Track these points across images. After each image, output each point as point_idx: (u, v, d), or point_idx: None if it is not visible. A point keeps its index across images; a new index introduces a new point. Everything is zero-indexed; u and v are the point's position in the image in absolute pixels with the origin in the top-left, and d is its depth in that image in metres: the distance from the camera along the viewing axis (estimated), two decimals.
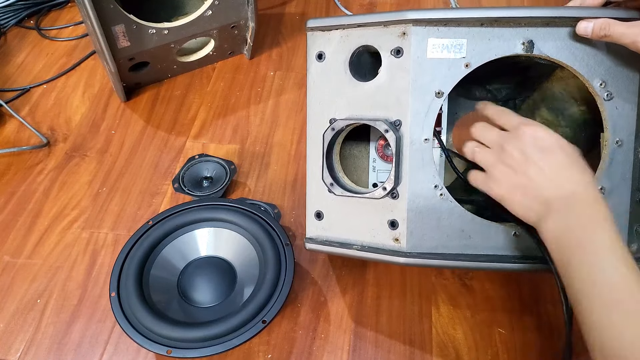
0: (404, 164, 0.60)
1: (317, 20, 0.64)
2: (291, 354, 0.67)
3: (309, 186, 0.67)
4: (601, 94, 0.58)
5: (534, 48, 0.58)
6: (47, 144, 0.92)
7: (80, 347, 0.68)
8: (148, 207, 0.84)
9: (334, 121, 0.64)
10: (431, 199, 0.60)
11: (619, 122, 0.59)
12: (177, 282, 0.70)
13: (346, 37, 0.63)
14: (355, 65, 0.63)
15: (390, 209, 0.61)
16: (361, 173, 0.73)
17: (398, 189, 0.61)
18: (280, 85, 1.02)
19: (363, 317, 0.71)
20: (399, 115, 0.60)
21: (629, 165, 0.60)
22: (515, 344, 0.68)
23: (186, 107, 0.99)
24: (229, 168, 0.83)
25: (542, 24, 0.57)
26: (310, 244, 0.67)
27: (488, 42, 0.58)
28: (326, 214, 0.66)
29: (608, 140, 0.59)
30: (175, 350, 0.60)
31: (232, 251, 0.72)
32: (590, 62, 0.58)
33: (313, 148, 0.66)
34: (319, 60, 0.65)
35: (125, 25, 0.87)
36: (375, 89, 0.62)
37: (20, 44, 1.12)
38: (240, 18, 0.98)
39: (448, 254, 0.61)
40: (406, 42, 0.59)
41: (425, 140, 0.60)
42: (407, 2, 1.22)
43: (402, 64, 0.59)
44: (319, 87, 0.65)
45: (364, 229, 0.63)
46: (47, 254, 0.78)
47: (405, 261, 0.60)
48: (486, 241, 0.61)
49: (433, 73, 0.59)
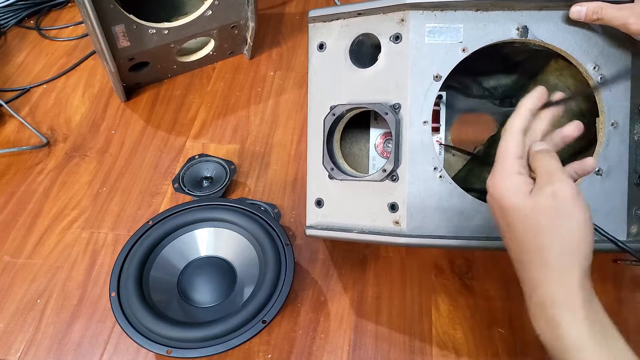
0: (404, 146, 0.61)
1: (319, 10, 0.66)
2: (291, 354, 0.67)
3: (310, 174, 0.68)
4: (595, 77, 0.59)
5: (528, 33, 0.59)
6: (47, 144, 0.92)
7: (80, 347, 0.68)
8: (148, 207, 0.84)
9: (335, 107, 0.65)
10: (431, 181, 0.60)
11: (613, 104, 0.60)
12: (177, 282, 0.70)
13: (346, 26, 0.64)
14: (355, 54, 0.64)
15: (390, 192, 0.62)
16: (362, 171, 0.73)
17: (398, 171, 0.61)
18: (280, 85, 1.02)
19: (363, 317, 0.71)
20: (398, 99, 0.61)
21: (625, 147, 0.60)
22: (515, 344, 0.68)
23: (186, 107, 0.99)
24: (229, 168, 0.83)
25: (536, 8, 0.59)
26: (310, 230, 0.67)
27: (484, 27, 0.59)
28: (326, 200, 0.66)
29: (603, 123, 0.60)
30: (175, 350, 0.60)
31: (232, 251, 0.72)
32: (583, 45, 0.59)
33: (314, 136, 0.67)
34: (320, 50, 0.66)
35: (125, 25, 0.87)
36: (375, 75, 0.63)
37: (20, 44, 1.12)
38: (240, 18, 0.98)
39: (448, 235, 0.61)
40: (404, 28, 0.60)
41: (425, 123, 0.60)
42: None
43: (401, 49, 0.60)
44: (320, 76, 0.66)
45: (364, 214, 0.64)
46: (47, 254, 0.78)
47: (406, 241, 0.60)
48: (486, 222, 0.61)
49: (431, 57, 0.60)
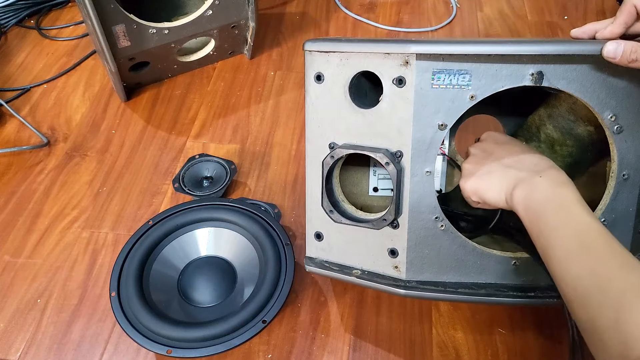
0: (405, 195, 0.59)
1: (315, 43, 0.61)
2: (291, 354, 0.67)
3: (309, 207, 0.66)
4: (611, 127, 0.56)
5: (544, 79, 0.55)
6: (47, 144, 0.92)
7: (80, 347, 0.68)
8: (148, 206, 0.84)
9: (334, 146, 0.62)
10: (432, 230, 0.59)
11: (627, 156, 0.57)
12: (178, 281, 0.70)
13: (346, 60, 0.59)
14: (355, 89, 0.61)
15: (390, 238, 0.61)
16: (362, 177, 0.73)
17: (398, 220, 0.60)
18: (280, 85, 1.02)
19: (363, 317, 0.71)
20: (400, 147, 0.58)
21: (634, 199, 0.59)
22: (515, 344, 0.68)
23: (186, 106, 0.99)
24: (229, 168, 0.83)
25: (553, 60, 0.54)
26: (310, 267, 0.66)
27: (495, 73, 0.55)
28: (326, 235, 0.65)
29: (614, 173, 0.58)
30: (175, 350, 0.60)
31: (233, 251, 0.72)
32: (602, 94, 0.55)
33: (312, 170, 0.64)
34: (318, 82, 0.62)
35: (125, 25, 0.87)
36: (376, 118, 0.59)
37: (21, 43, 1.12)
38: (241, 18, 0.98)
39: (448, 282, 0.61)
40: (409, 71, 0.56)
41: (427, 173, 0.58)
42: (407, 2, 1.22)
43: (405, 93, 0.57)
44: (318, 109, 0.63)
45: (364, 254, 0.63)
46: (48, 253, 0.78)
47: (405, 293, 0.60)
48: (486, 270, 0.61)
49: (436, 105, 0.56)
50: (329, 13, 1.19)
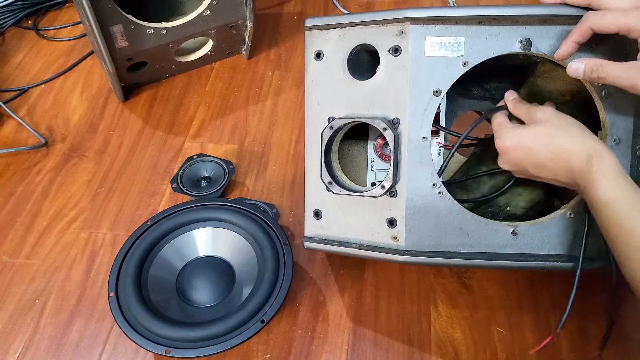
0: (402, 162, 0.60)
1: (316, 19, 0.65)
2: (290, 354, 0.67)
3: (308, 185, 0.67)
4: (599, 92, 0.58)
5: (532, 46, 0.58)
6: (45, 144, 0.92)
7: (78, 347, 0.68)
8: (146, 207, 0.83)
9: (332, 119, 0.64)
10: (429, 197, 0.60)
11: (617, 120, 0.59)
12: (176, 282, 0.70)
13: (344, 35, 0.63)
14: (353, 64, 0.64)
15: (388, 207, 0.61)
16: (360, 172, 0.73)
17: (396, 187, 0.61)
18: (278, 85, 1.02)
19: (362, 317, 0.71)
20: (397, 114, 0.60)
21: (627, 164, 0.60)
22: (514, 343, 0.68)
23: (184, 107, 0.99)
24: (227, 168, 0.83)
25: (540, 22, 0.58)
26: (308, 243, 0.67)
27: (486, 41, 0.58)
28: (324, 212, 0.66)
29: (606, 139, 0.59)
30: (173, 350, 0.60)
31: (231, 251, 0.72)
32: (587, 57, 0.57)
33: (311, 147, 0.66)
34: (318, 59, 0.65)
35: (123, 25, 0.87)
36: (373, 88, 0.62)
37: (19, 44, 1.12)
38: (239, 18, 0.98)
39: (446, 251, 0.61)
40: (404, 40, 0.59)
41: (424, 139, 0.60)
42: (405, 2, 1.22)
43: (400, 62, 0.60)
44: (318, 86, 0.66)
45: (363, 227, 0.63)
46: (46, 254, 0.78)
47: (404, 259, 0.60)
48: (484, 239, 0.61)
49: (431, 71, 0.59)
50: (327, 13, 1.19)
